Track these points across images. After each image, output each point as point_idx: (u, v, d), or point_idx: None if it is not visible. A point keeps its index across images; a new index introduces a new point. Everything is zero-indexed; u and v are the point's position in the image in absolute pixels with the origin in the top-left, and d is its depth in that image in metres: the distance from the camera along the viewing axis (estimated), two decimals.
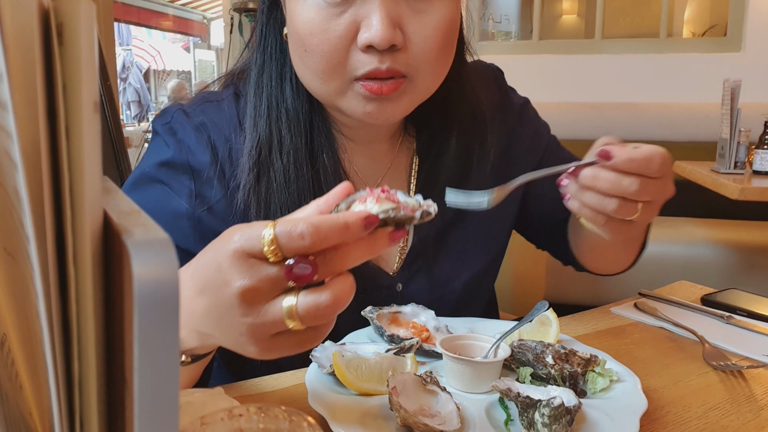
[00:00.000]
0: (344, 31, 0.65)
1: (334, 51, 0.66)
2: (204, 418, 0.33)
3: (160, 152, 0.76)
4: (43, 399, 0.22)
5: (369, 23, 0.64)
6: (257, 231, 0.46)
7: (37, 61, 0.19)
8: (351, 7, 0.65)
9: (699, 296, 0.96)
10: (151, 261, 0.19)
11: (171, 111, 0.79)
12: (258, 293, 0.46)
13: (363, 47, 0.65)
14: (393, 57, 0.66)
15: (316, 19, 0.66)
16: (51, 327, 0.20)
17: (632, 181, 0.63)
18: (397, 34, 0.65)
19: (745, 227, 2.49)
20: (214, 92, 0.84)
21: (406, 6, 0.66)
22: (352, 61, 0.67)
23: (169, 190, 0.74)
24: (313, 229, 0.45)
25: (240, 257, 0.46)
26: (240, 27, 5.14)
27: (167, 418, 0.20)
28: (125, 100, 9.83)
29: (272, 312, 0.46)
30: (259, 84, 0.77)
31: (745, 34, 3.46)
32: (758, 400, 0.65)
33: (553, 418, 0.52)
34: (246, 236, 0.46)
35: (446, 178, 0.82)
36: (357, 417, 0.56)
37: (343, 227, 0.45)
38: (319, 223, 0.45)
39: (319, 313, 0.46)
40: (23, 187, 0.19)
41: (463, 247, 0.85)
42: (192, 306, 0.51)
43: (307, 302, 0.46)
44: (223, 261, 0.47)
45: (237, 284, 0.46)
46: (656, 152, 0.64)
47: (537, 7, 3.88)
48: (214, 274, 0.48)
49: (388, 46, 0.64)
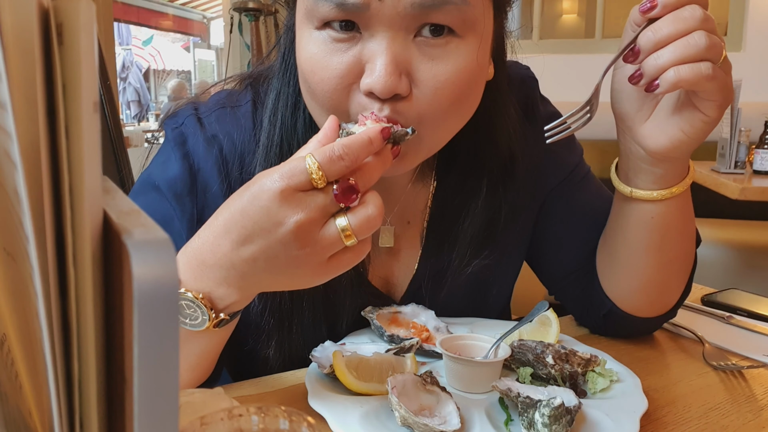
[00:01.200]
0: (346, 70, 0.59)
1: (334, 92, 0.60)
2: (204, 418, 0.33)
3: (167, 165, 0.73)
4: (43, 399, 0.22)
5: (373, 67, 0.58)
6: (298, 165, 0.51)
7: (36, 61, 0.19)
8: (356, 45, 0.59)
9: (699, 296, 0.96)
10: (151, 261, 0.19)
11: (184, 114, 0.75)
12: (312, 223, 0.52)
13: (364, 92, 0.59)
14: (394, 107, 0.59)
15: (319, 55, 0.60)
16: (51, 327, 0.20)
17: (700, 9, 0.58)
18: (402, 83, 0.58)
19: (745, 227, 2.49)
20: (232, 94, 0.78)
21: (417, 51, 0.59)
22: (354, 104, 0.61)
23: (172, 211, 0.72)
24: (348, 149, 0.51)
25: (288, 194, 0.51)
26: (240, 27, 5.14)
27: (167, 418, 0.20)
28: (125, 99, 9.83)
29: (329, 236, 0.52)
30: (274, 112, 0.72)
31: (745, 33, 3.46)
32: (758, 400, 0.65)
33: (553, 418, 0.52)
34: (288, 173, 0.51)
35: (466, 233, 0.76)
36: (357, 417, 0.56)
37: (368, 142, 0.53)
38: (350, 142, 0.52)
39: (370, 224, 0.52)
40: (23, 187, 0.19)
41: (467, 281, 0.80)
42: (233, 258, 0.54)
43: (359, 217, 0.52)
44: (270, 204, 0.51)
45: (292, 220, 0.51)
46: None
47: (537, 7, 3.88)
48: (260, 219, 0.52)
49: (390, 95, 0.58)
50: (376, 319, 0.74)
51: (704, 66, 0.57)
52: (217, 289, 0.56)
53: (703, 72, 0.57)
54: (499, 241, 0.79)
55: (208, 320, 0.56)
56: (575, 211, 0.83)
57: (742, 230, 2.46)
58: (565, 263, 0.85)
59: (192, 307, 0.56)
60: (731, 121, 2.28)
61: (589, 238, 0.81)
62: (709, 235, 2.42)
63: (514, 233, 0.82)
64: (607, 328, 0.82)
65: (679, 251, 0.75)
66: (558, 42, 4.08)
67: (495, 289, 0.85)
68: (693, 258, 0.79)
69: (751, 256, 2.34)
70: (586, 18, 5.25)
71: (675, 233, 0.73)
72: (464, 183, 0.77)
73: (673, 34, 0.57)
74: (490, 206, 0.76)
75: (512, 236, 0.82)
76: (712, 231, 2.43)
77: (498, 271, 0.83)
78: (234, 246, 0.53)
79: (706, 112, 0.62)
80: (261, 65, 0.80)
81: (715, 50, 0.57)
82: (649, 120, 0.66)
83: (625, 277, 0.78)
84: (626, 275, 0.77)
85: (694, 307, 0.91)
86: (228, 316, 0.58)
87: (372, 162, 0.54)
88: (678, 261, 0.76)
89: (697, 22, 0.57)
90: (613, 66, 0.66)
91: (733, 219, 2.60)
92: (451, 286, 0.80)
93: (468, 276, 0.79)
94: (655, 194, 0.70)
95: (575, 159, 0.86)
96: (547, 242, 0.86)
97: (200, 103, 0.77)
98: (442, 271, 0.79)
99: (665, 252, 0.74)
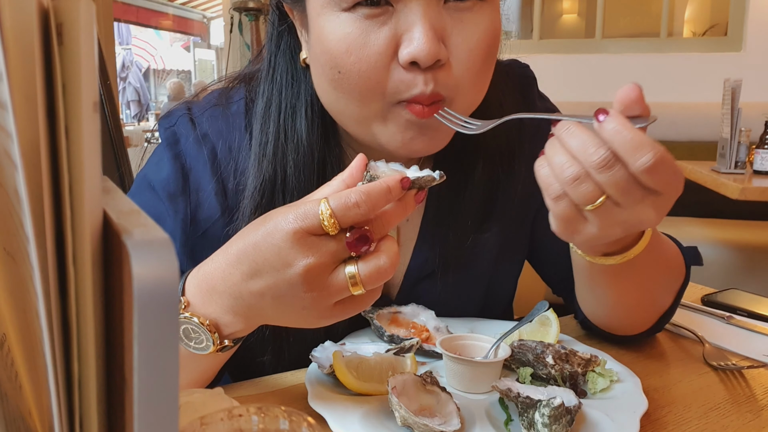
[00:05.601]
0: (384, 46, 0.59)
1: (374, 70, 0.59)
2: (204, 418, 0.33)
3: (160, 165, 0.73)
4: (43, 399, 0.22)
5: (411, 36, 0.58)
6: (312, 209, 0.50)
7: (36, 61, 0.19)
8: (391, 18, 0.59)
9: (699, 296, 0.96)
10: (151, 261, 0.19)
11: (177, 114, 0.76)
12: (321, 268, 0.51)
13: (405, 63, 0.59)
14: (436, 77, 0.60)
15: (354, 34, 0.59)
16: (51, 327, 0.20)
17: (602, 154, 0.50)
18: (441, 49, 0.59)
19: (745, 227, 2.49)
20: (224, 93, 0.78)
21: (449, 16, 0.60)
22: (393, 82, 0.61)
23: (165, 211, 0.72)
24: (366, 197, 0.50)
25: (300, 237, 0.50)
26: (240, 26, 5.14)
27: (167, 418, 0.20)
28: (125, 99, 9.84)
29: (336, 283, 0.51)
30: (266, 119, 0.71)
31: (745, 33, 3.46)
32: (758, 400, 0.65)
33: (553, 418, 0.52)
34: (302, 215, 0.50)
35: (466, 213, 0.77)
36: (357, 417, 0.56)
37: (386, 191, 0.51)
38: (369, 190, 0.51)
39: (380, 276, 0.51)
40: (23, 187, 0.19)
41: (470, 279, 0.81)
42: (241, 289, 0.54)
43: (369, 268, 0.51)
44: (282, 243, 0.51)
45: (302, 263, 0.50)
46: (656, 149, 0.49)
47: (537, 7, 3.88)
48: (271, 257, 0.51)
49: (433, 61, 0.58)
50: (376, 319, 0.74)
51: (554, 187, 0.53)
52: (224, 316, 0.56)
53: (550, 189, 0.54)
54: (499, 218, 0.79)
55: (212, 345, 0.57)
56: None
57: (742, 230, 2.46)
58: (563, 261, 0.85)
59: (197, 331, 0.56)
60: (731, 121, 2.28)
61: None
62: (709, 235, 2.42)
63: (515, 222, 0.82)
64: (593, 331, 0.81)
65: (630, 299, 0.71)
66: (558, 42, 4.07)
67: (497, 285, 0.85)
68: (665, 292, 0.74)
69: (751, 256, 2.34)
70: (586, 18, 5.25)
71: (618, 288, 0.69)
72: (461, 156, 0.77)
73: (569, 149, 0.52)
74: (488, 178, 0.77)
75: (513, 222, 0.82)
76: (712, 231, 2.43)
77: (501, 264, 0.83)
78: (244, 278, 0.53)
79: (551, 222, 0.58)
80: (253, 65, 0.80)
81: (576, 194, 0.52)
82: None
83: (583, 302, 0.77)
84: (583, 301, 0.77)
85: (694, 307, 0.91)
86: (231, 343, 0.58)
87: (391, 210, 0.52)
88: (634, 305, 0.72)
89: (587, 164, 0.51)
90: None
91: (733, 219, 2.60)
92: (453, 277, 0.79)
93: (468, 270, 0.79)
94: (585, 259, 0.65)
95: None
96: (546, 244, 0.86)
97: (194, 102, 0.78)
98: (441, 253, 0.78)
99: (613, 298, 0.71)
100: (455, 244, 0.78)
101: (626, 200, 0.51)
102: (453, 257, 0.79)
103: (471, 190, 0.77)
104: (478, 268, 0.81)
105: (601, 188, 0.51)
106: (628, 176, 0.50)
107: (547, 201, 0.55)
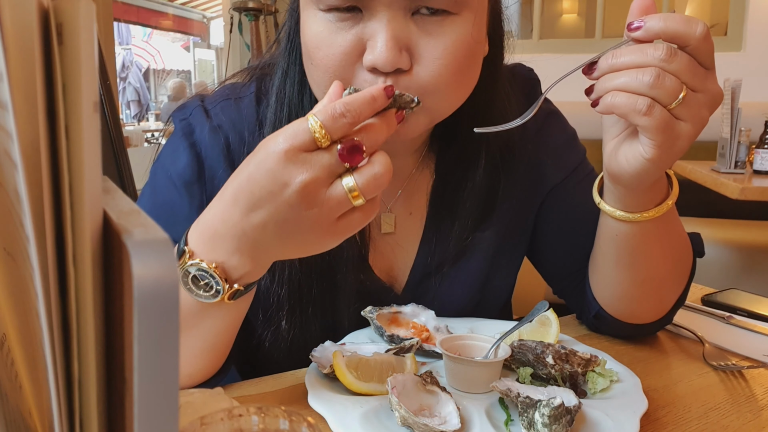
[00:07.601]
0: (350, 47, 0.62)
1: (339, 67, 0.63)
2: (204, 418, 0.33)
3: (176, 155, 0.75)
4: (43, 399, 0.22)
5: (374, 44, 0.61)
6: (301, 125, 0.51)
7: (36, 61, 0.19)
8: (358, 24, 0.62)
9: (699, 296, 0.96)
10: (151, 261, 0.19)
11: (191, 106, 0.78)
12: (318, 183, 0.51)
13: (367, 68, 0.62)
14: (397, 80, 0.62)
15: (323, 33, 0.63)
16: (51, 327, 0.20)
17: (663, 48, 0.56)
18: (402, 58, 0.61)
19: (745, 227, 2.49)
20: (236, 86, 0.81)
21: (416, 27, 0.62)
22: (357, 80, 0.64)
23: (182, 200, 0.75)
24: (348, 106, 0.51)
25: (292, 155, 0.51)
26: (240, 26, 5.14)
27: (167, 418, 0.20)
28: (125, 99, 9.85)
29: (335, 195, 0.52)
30: (281, 89, 0.74)
31: (745, 33, 3.46)
32: (758, 400, 0.65)
33: (553, 418, 0.52)
34: (291, 134, 0.51)
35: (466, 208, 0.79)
36: (357, 417, 0.56)
37: (371, 99, 0.52)
38: (352, 99, 0.52)
39: (377, 183, 0.52)
40: (23, 187, 0.19)
41: (469, 273, 0.82)
42: (243, 225, 0.54)
43: (366, 176, 0.52)
44: (275, 165, 0.51)
45: (297, 180, 0.51)
46: (698, 21, 0.56)
47: (537, 7, 3.88)
48: (267, 182, 0.52)
49: (391, 69, 0.61)
50: (376, 319, 0.74)
51: (641, 101, 0.57)
52: (231, 258, 0.56)
53: (637, 106, 0.57)
54: (499, 216, 0.81)
55: (222, 291, 0.57)
56: (576, 210, 0.83)
57: (742, 230, 2.46)
58: (565, 262, 0.86)
59: (206, 277, 0.57)
60: (731, 121, 2.28)
61: (588, 238, 0.81)
62: (709, 235, 2.41)
63: (515, 218, 0.83)
64: (600, 328, 0.83)
65: (653, 272, 0.74)
66: (558, 42, 4.07)
67: (496, 280, 0.86)
68: (678, 276, 0.78)
69: (751, 256, 2.34)
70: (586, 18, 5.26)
71: (644, 256, 0.72)
72: (463, 155, 0.79)
73: (628, 64, 0.58)
74: (490, 177, 0.79)
75: (513, 220, 0.83)
76: (712, 231, 2.43)
77: (499, 260, 0.84)
78: (244, 213, 0.54)
79: (644, 149, 0.60)
80: (263, 59, 0.83)
81: (663, 91, 0.56)
82: (614, 138, 0.66)
83: (604, 285, 0.79)
84: (605, 284, 0.78)
85: (694, 307, 0.91)
86: (242, 287, 0.58)
87: (377, 122, 0.54)
88: (656, 281, 0.75)
89: (656, 61, 0.56)
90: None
91: (733, 219, 2.60)
92: (452, 272, 0.81)
93: (469, 264, 0.81)
94: (618, 214, 0.69)
95: (578, 158, 0.87)
96: (547, 240, 0.87)
97: (206, 95, 0.81)
98: (444, 249, 0.80)
99: (637, 271, 0.74)
100: (458, 241, 0.80)
101: (697, 83, 0.57)
102: (456, 254, 0.80)
103: (472, 188, 0.79)
104: (478, 264, 0.82)
105: (678, 77, 0.56)
106: (689, 58, 0.56)
107: (638, 122, 0.58)
